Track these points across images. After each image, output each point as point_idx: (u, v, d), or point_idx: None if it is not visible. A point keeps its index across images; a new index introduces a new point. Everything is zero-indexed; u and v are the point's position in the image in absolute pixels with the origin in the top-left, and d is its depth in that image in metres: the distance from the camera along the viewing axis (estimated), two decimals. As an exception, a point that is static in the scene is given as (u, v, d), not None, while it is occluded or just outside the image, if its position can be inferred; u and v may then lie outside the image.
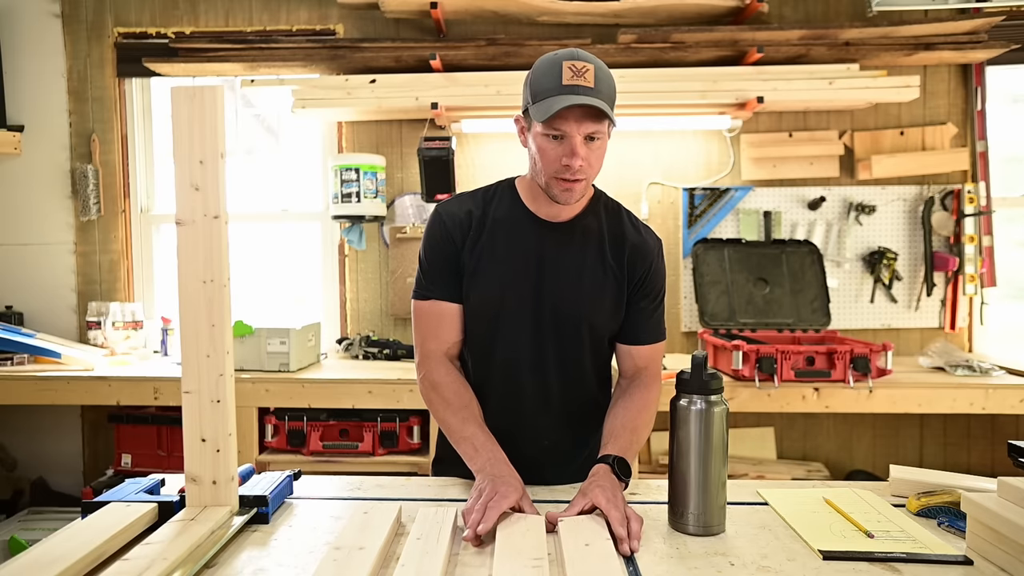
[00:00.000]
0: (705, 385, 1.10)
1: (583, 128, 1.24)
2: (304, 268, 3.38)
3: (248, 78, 3.04)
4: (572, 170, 1.25)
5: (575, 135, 1.24)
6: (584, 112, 1.22)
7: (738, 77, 2.84)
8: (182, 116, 1.11)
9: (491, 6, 2.90)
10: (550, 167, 1.27)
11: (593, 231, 1.39)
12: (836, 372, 2.50)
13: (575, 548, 1.01)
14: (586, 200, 1.41)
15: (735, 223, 3.15)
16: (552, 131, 1.25)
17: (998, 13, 2.88)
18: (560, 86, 1.22)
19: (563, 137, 1.25)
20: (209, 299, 1.12)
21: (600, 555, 0.99)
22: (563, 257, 1.37)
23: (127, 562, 0.93)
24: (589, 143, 1.26)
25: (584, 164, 1.26)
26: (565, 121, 1.23)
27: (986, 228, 3.07)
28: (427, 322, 1.40)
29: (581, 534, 1.06)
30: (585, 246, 1.38)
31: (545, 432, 1.42)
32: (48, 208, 3.22)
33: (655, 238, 1.44)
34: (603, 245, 1.39)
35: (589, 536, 1.05)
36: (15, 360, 2.80)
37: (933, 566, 0.98)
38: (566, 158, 1.25)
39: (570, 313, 1.38)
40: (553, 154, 1.26)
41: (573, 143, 1.24)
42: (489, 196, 1.42)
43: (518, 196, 1.40)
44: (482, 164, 3.18)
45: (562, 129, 1.24)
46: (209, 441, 1.12)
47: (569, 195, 1.30)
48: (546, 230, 1.38)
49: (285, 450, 2.67)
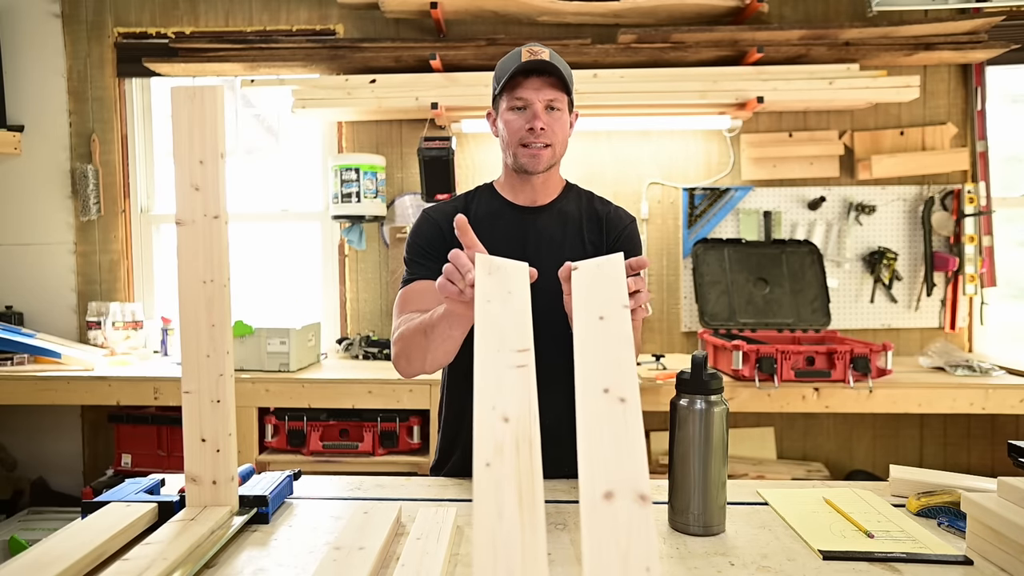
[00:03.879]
0: (705, 385, 1.10)
1: (542, 95, 1.37)
2: (304, 268, 3.38)
3: (248, 78, 3.04)
4: (535, 133, 1.37)
5: (535, 102, 1.37)
6: (543, 82, 1.37)
7: (738, 77, 2.84)
8: (182, 116, 1.11)
9: (491, 6, 2.90)
10: (515, 136, 1.40)
11: (570, 213, 1.49)
12: (836, 372, 2.50)
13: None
14: (560, 188, 1.52)
15: (735, 223, 3.15)
16: (515, 102, 1.38)
17: (998, 13, 2.88)
18: (519, 63, 1.37)
19: (525, 107, 1.38)
20: (209, 299, 1.11)
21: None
22: (544, 238, 1.45)
23: (127, 562, 0.93)
24: (550, 112, 1.39)
25: (547, 129, 1.38)
26: (525, 90, 1.37)
27: (986, 228, 3.07)
28: (409, 297, 1.43)
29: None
30: (564, 227, 1.47)
31: (540, 414, 1.42)
32: (48, 208, 3.22)
33: (628, 213, 1.54)
34: (581, 225, 1.48)
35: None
36: (15, 360, 2.81)
37: (933, 566, 0.98)
38: (528, 123, 1.38)
39: (556, 291, 1.40)
40: (517, 124, 1.39)
41: (535, 109, 1.37)
42: (470, 196, 1.53)
43: (496, 191, 1.52)
44: (482, 164, 3.18)
45: (523, 96, 1.38)
46: (209, 441, 1.12)
47: (536, 162, 1.41)
48: (526, 214, 1.47)
49: (285, 450, 2.68)
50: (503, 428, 0.77)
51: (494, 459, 0.73)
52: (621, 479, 0.68)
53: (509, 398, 0.81)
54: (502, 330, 0.91)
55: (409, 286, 1.45)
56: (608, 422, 0.76)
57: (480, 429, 0.77)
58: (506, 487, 0.70)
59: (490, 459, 0.73)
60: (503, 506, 0.68)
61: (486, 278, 1.01)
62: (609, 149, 3.18)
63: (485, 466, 0.72)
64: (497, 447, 0.74)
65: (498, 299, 0.97)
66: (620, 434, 0.74)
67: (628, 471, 0.69)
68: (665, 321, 3.20)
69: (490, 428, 0.77)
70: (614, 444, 0.72)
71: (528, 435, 0.76)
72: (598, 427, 0.75)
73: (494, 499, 0.69)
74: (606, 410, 0.77)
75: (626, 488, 0.67)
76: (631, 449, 0.72)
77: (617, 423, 0.75)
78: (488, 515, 0.67)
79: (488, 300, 0.96)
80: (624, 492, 0.67)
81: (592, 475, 0.69)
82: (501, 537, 0.66)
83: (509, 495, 0.69)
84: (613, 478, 0.68)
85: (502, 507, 0.68)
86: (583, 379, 0.82)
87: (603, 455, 0.71)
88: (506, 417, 0.78)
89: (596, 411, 0.77)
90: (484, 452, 0.74)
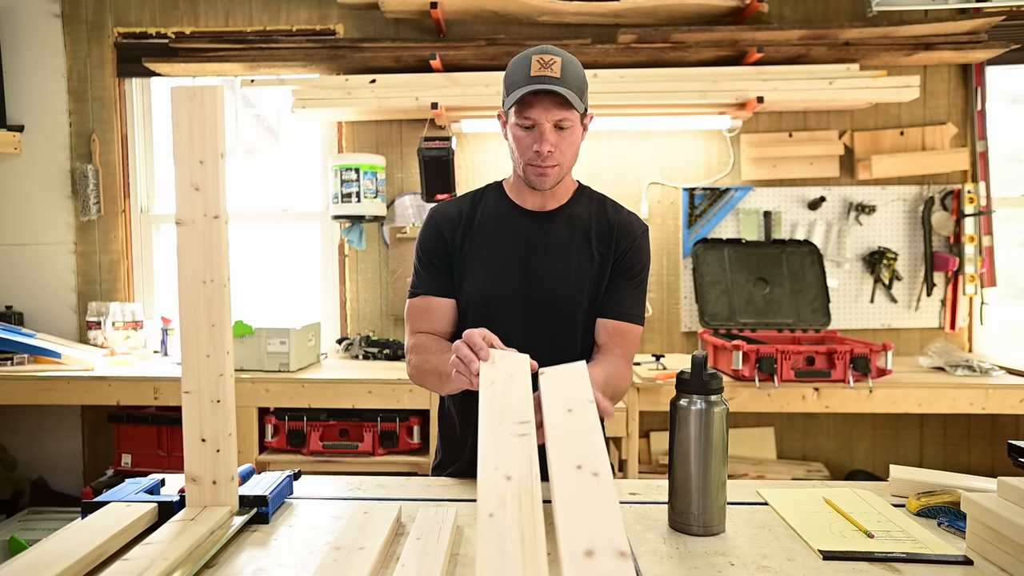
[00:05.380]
0: (705, 385, 1.10)
1: (551, 116, 1.33)
2: (304, 268, 3.38)
3: (248, 78, 3.04)
4: (542, 156, 1.34)
5: (544, 122, 1.33)
6: (552, 101, 1.32)
7: (738, 77, 2.84)
8: (182, 116, 1.11)
9: (491, 6, 2.90)
10: (523, 155, 1.37)
11: (579, 219, 1.46)
12: (836, 372, 2.50)
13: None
14: (571, 191, 1.49)
15: (735, 223, 3.15)
16: (523, 120, 1.34)
17: (998, 13, 2.88)
18: (528, 77, 1.31)
19: (534, 126, 1.34)
20: (209, 299, 1.11)
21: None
22: (550, 244, 1.43)
23: (127, 562, 0.93)
24: (559, 131, 1.35)
25: (554, 151, 1.35)
26: (533, 110, 1.33)
27: (986, 228, 3.07)
28: (416, 314, 1.47)
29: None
30: (572, 233, 1.45)
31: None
32: (48, 208, 3.22)
33: (640, 222, 1.50)
34: (589, 231, 1.45)
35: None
36: (15, 360, 2.81)
37: (933, 566, 0.98)
38: (536, 144, 1.34)
39: (559, 297, 1.41)
40: (525, 142, 1.36)
41: (542, 130, 1.34)
42: (478, 196, 1.51)
43: (505, 193, 1.49)
44: (482, 164, 3.18)
45: (531, 117, 1.33)
46: (209, 441, 1.12)
47: (543, 180, 1.38)
48: (533, 220, 1.45)
49: (285, 450, 2.67)
50: (505, 485, 0.81)
51: (497, 510, 0.76)
52: (600, 540, 0.70)
53: (511, 460, 0.86)
54: (504, 407, 0.98)
55: (415, 301, 1.47)
56: (585, 494, 0.78)
57: (483, 486, 0.80)
58: (508, 534, 0.73)
59: (493, 510, 0.76)
60: (505, 548, 0.71)
61: (490, 368, 1.10)
62: (609, 149, 3.18)
63: (488, 516, 0.75)
64: (500, 500, 0.78)
65: (501, 382, 1.05)
66: (596, 503, 0.76)
67: (606, 533, 0.71)
68: (665, 321, 3.20)
69: (493, 485, 0.81)
70: (590, 511, 0.75)
71: (530, 490, 0.80)
72: (574, 498, 0.77)
73: (497, 544, 0.71)
74: (581, 483, 0.81)
75: (606, 547, 0.69)
76: (607, 515, 0.74)
77: (593, 494, 0.78)
78: (491, 558, 0.69)
79: (492, 383, 1.05)
80: (604, 550, 0.68)
81: (571, 536, 0.71)
82: (505, 573, 0.68)
83: (512, 540, 0.72)
84: (592, 539, 0.70)
85: (504, 549, 0.70)
86: (557, 458, 0.86)
87: (581, 521, 0.73)
88: (508, 476, 0.83)
89: (571, 484, 0.81)
90: (487, 505, 0.77)
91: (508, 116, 1.39)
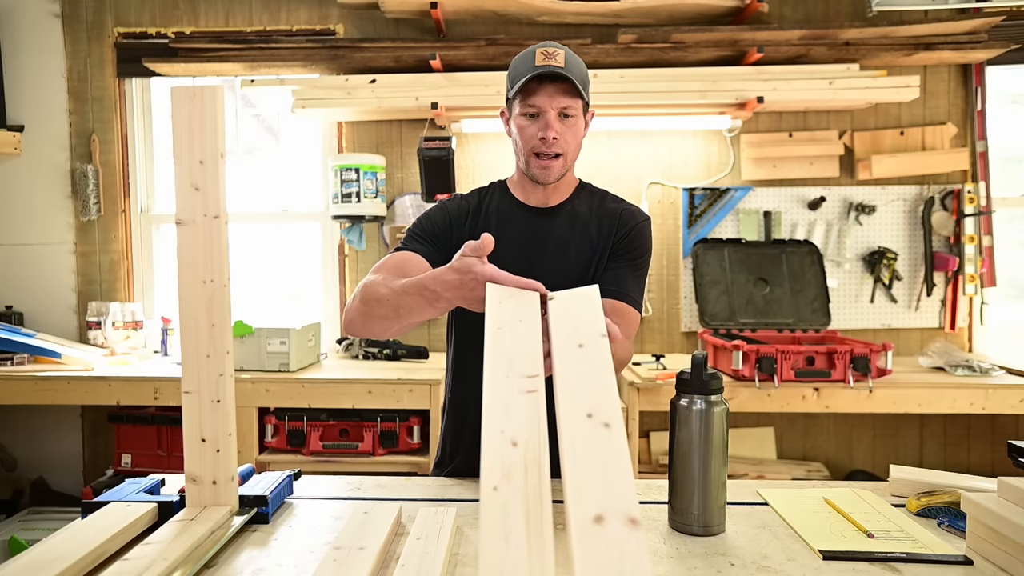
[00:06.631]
0: (705, 385, 1.10)
1: (556, 103, 1.34)
2: (304, 268, 3.38)
3: (248, 78, 3.04)
4: (548, 142, 1.35)
5: (549, 110, 1.34)
6: (556, 88, 1.33)
7: (738, 77, 2.84)
8: (182, 116, 1.11)
9: (491, 6, 2.90)
10: (528, 144, 1.38)
11: (581, 214, 1.47)
12: (836, 372, 2.50)
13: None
14: (572, 187, 1.50)
15: (735, 223, 3.15)
16: (528, 108, 1.35)
17: (998, 13, 2.88)
18: (533, 67, 1.33)
19: (539, 114, 1.35)
20: (209, 299, 1.11)
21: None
22: (552, 239, 1.44)
23: (127, 562, 0.93)
24: (564, 120, 1.36)
25: (559, 138, 1.36)
26: (538, 96, 1.34)
27: (986, 228, 3.07)
28: (389, 263, 1.37)
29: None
30: (573, 227, 1.45)
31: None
32: (48, 208, 3.22)
33: (642, 212, 1.50)
34: (590, 226, 1.45)
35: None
36: (15, 360, 2.80)
37: (933, 566, 0.98)
38: (541, 131, 1.35)
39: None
40: (530, 131, 1.37)
41: (548, 118, 1.35)
42: (483, 193, 1.52)
43: (508, 190, 1.51)
44: (482, 164, 3.18)
45: (536, 104, 1.34)
46: (209, 441, 1.12)
47: (547, 173, 1.39)
48: (535, 215, 1.46)
49: (285, 450, 2.68)
50: (512, 452, 0.76)
51: (501, 483, 0.72)
52: (611, 504, 0.66)
53: (518, 423, 0.80)
54: (511, 357, 0.91)
55: (399, 253, 1.39)
56: (594, 448, 0.74)
57: (488, 453, 0.76)
58: (513, 511, 0.69)
59: (497, 483, 0.72)
60: (510, 530, 0.67)
61: (497, 306, 1.01)
62: (609, 149, 3.18)
63: (492, 490, 0.71)
64: (505, 472, 0.73)
65: (509, 327, 0.96)
66: (607, 460, 0.72)
67: (618, 496, 0.67)
68: (665, 321, 3.20)
69: (498, 452, 0.76)
70: (601, 469, 0.71)
71: (537, 459, 0.75)
72: (584, 452, 0.73)
73: (500, 524, 0.68)
74: (591, 435, 0.76)
75: (616, 512, 0.66)
76: (619, 474, 0.70)
77: (603, 448, 0.73)
78: (494, 539, 0.66)
79: (499, 327, 0.96)
80: (615, 516, 0.65)
81: (581, 499, 0.67)
82: (508, 563, 0.65)
83: (516, 519, 0.68)
84: (603, 503, 0.67)
85: (508, 531, 0.67)
86: (565, 405, 0.81)
87: (591, 481, 0.70)
88: (515, 441, 0.77)
89: (581, 436, 0.76)
90: (492, 476, 0.73)
91: (512, 108, 1.40)
